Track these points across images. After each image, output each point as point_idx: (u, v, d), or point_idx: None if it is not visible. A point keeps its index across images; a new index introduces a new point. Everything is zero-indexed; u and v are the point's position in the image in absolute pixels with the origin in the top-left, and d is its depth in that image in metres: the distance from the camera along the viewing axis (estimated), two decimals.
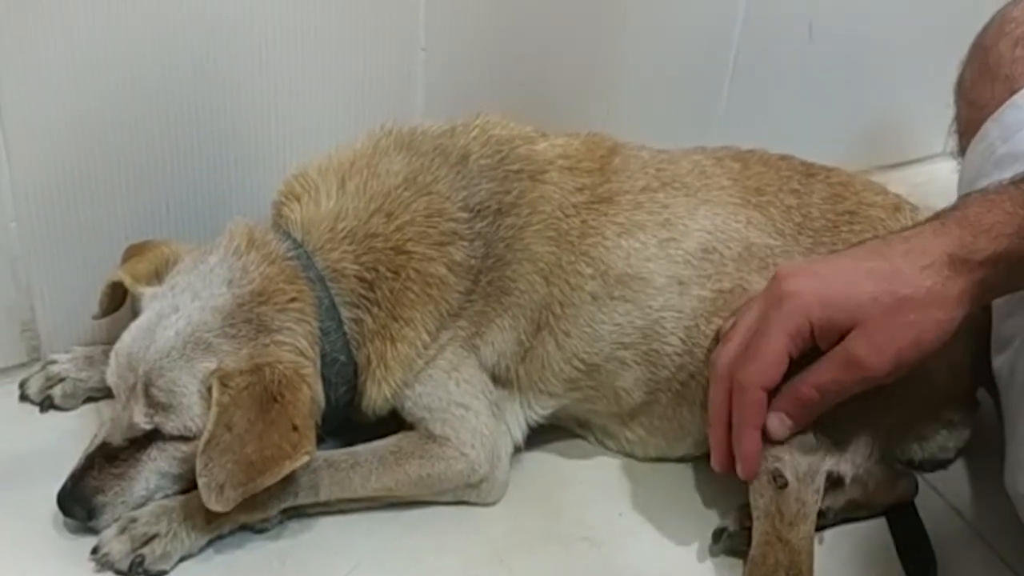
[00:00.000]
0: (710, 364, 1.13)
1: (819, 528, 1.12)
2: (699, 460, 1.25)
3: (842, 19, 1.62)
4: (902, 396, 1.16)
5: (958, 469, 1.27)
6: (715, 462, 1.12)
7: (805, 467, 1.10)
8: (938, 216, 1.05)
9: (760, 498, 1.10)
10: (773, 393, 1.07)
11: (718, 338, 1.15)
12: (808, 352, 1.06)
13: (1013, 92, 1.27)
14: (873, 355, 1.02)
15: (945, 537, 1.18)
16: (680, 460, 1.26)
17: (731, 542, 1.15)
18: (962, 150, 1.36)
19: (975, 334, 1.20)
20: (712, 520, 1.18)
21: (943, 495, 1.25)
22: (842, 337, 1.03)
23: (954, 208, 1.05)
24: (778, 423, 1.08)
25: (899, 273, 1.01)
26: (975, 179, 1.27)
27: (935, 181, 1.60)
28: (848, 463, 1.14)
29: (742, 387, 1.07)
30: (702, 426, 1.21)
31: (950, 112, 1.39)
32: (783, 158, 1.28)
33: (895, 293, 1.01)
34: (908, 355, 1.02)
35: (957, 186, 1.34)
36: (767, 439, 1.09)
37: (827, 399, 1.06)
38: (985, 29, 1.37)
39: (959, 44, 1.39)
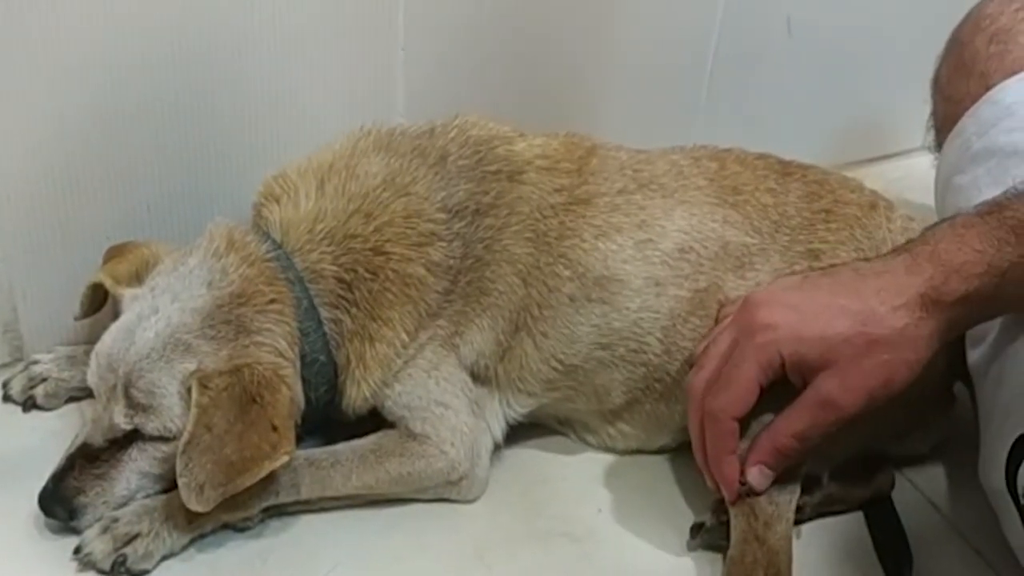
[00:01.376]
0: (686, 390, 1.13)
1: (796, 522, 1.13)
2: (677, 456, 1.27)
3: (821, 15, 1.62)
4: None
5: (934, 463, 1.28)
6: (708, 481, 1.13)
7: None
8: (909, 249, 1.05)
9: None
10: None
11: (691, 363, 1.16)
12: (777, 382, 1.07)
13: (988, 88, 1.28)
14: (846, 396, 1.03)
15: (921, 530, 1.19)
16: (659, 452, 1.27)
17: (709, 537, 1.16)
18: (939, 145, 1.37)
19: None
20: (691, 515, 1.18)
21: (920, 489, 1.26)
22: (810, 373, 1.04)
23: (924, 242, 1.05)
24: (758, 474, 1.09)
25: (872, 313, 1.02)
26: (951, 174, 1.28)
27: (912, 176, 1.60)
28: (823, 463, 1.16)
29: (715, 417, 1.08)
30: (681, 419, 1.22)
31: (927, 107, 1.40)
32: (760, 157, 1.29)
33: (868, 335, 1.01)
34: (879, 394, 1.03)
35: (934, 181, 1.35)
36: (751, 491, 1.09)
37: (805, 445, 1.07)
38: (961, 25, 1.38)
39: (936, 40, 1.40)
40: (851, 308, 1.03)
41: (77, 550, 1.08)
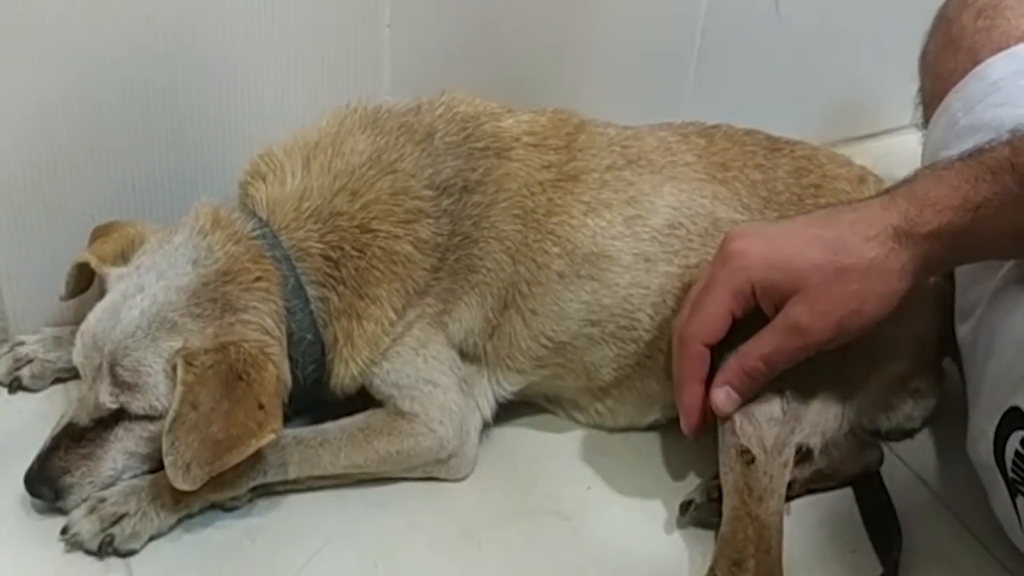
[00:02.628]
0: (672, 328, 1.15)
1: (786, 499, 1.13)
2: (666, 433, 1.27)
3: None
4: (869, 367, 1.17)
5: (923, 439, 1.29)
6: (683, 424, 1.14)
7: (772, 441, 1.11)
8: (888, 191, 1.07)
9: (729, 473, 1.10)
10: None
11: None
12: (752, 320, 1.07)
13: (976, 63, 1.28)
14: (815, 322, 1.03)
15: (910, 506, 1.19)
16: (649, 429, 1.27)
17: (699, 514, 1.16)
18: (926, 122, 1.37)
19: (940, 304, 1.21)
20: (680, 492, 1.18)
21: (908, 464, 1.26)
22: (781, 299, 1.05)
23: (904, 182, 1.06)
24: (724, 396, 1.09)
25: (843, 242, 1.03)
26: (938, 150, 1.28)
27: (900, 153, 1.59)
28: (816, 436, 1.15)
29: (684, 341, 1.09)
30: (670, 396, 1.22)
31: (915, 84, 1.40)
32: (748, 133, 1.29)
33: (838, 262, 1.02)
34: (849, 323, 1.03)
35: (921, 157, 1.35)
36: (718, 414, 1.10)
37: (772, 369, 1.07)
38: (948, 1, 1.38)
39: (924, 17, 1.39)
40: (823, 236, 1.04)
41: (64, 531, 1.08)
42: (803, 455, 1.15)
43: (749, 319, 1.08)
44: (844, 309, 1.03)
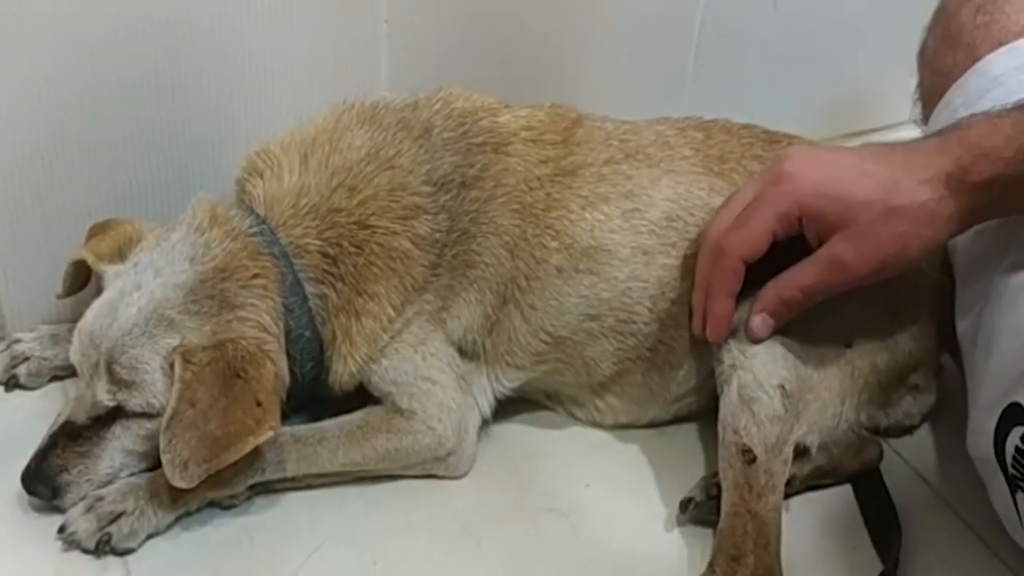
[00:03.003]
0: (704, 234, 1.15)
1: (785, 496, 1.13)
2: (665, 431, 1.27)
3: None
4: (868, 364, 1.17)
5: (923, 435, 1.28)
6: (695, 326, 1.15)
7: (774, 439, 1.10)
8: (941, 133, 1.07)
9: (729, 470, 1.10)
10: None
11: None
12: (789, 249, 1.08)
13: (975, 59, 1.28)
14: (859, 259, 1.04)
15: (910, 503, 1.19)
16: (648, 426, 1.27)
17: (698, 511, 1.15)
18: (925, 118, 1.37)
19: (939, 300, 1.21)
20: (679, 490, 1.18)
21: (908, 461, 1.26)
22: (827, 230, 1.05)
23: (957, 127, 1.06)
24: (760, 322, 1.10)
25: (896, 182, 1.03)
26: None
27: None
28: (815, 433, 1.15)
29: (723, 252, 1.10)
30: (670, 389, 1.23)
31: (914, 80, 1.39)
32: (745, 127, 1.29)
33: (889, 202, 1.03)
34: (891, 263, 1.05)
35: None
36: (750, 337, 1.11)
37: (809, 300, 1.08)
38: None
39: (923, 12, 1.38)
40: (877, 174, 1.04)
41: (61, 529, 1.07)
42: (802, 451, 1.15)
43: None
44: (889, 249, 1.04)
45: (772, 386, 1.11)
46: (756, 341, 1.11)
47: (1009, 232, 1.13)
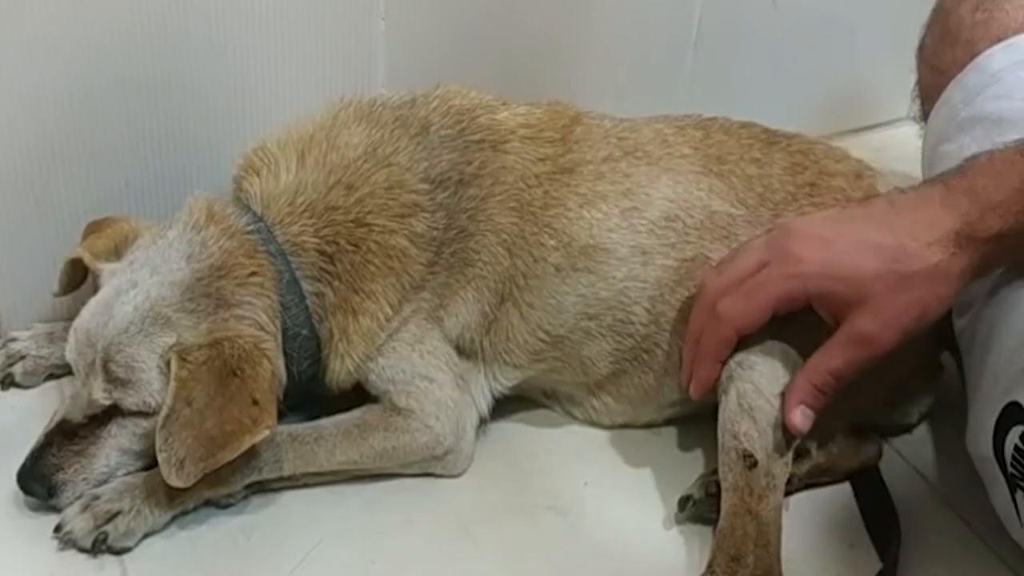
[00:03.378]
0: (699, 287, 1.15)
1: (784, 495, 1.12)
2: (664, 430, 1.26)
3: None
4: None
5: (922, 433, 1.28)
6: (682, 376, 1.16)
7: (774, 444, 1.10)
8: (945, 181, 1.06)
9: (729, 473, 1.10)
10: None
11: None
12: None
13: (974, 56, 1.27)
14: (882, 331, 1.04)
15: (909, 500, 1.19)
16: (646, 426, 1.26)
17: (697, 510, 1.15)
18: (924, 114, 1.36)
19: None
20: (678, 488, 1.17)
21: (907, 459, 1.25)
22: (842, 309, 1.05)
23: (961, 174, 1.05)
24: (801, 417, 1.09)
25: (905, 250, 1.03)
26: (938, 143, 1.27)
27: (898, 146, 1.60)
28: (815, 435, 1.14)
29: (719, 319, 1.10)
30: (667, 392, 1.22)
31: (912, 77, 1.39)
32: (744, 126, 1.28)
33: (900, 271, 1.02)
34: (914, 328, 1.04)
35: (921, 150, 1.34)
36: (794, 433, 1.10)
37: (841, 381, 1.07)
38: None
39: (921, 9, 1.38)
40: (883, 244, 1.04)
41: (58, 528, 1.07)
42: (801, 452, 1.15)
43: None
44: (909, 316, 1.03)
45: (772, 394, 1.10)
46: (799, 434, 1.10)
47: None
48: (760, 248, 1.11)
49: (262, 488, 1.14)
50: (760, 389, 1.10)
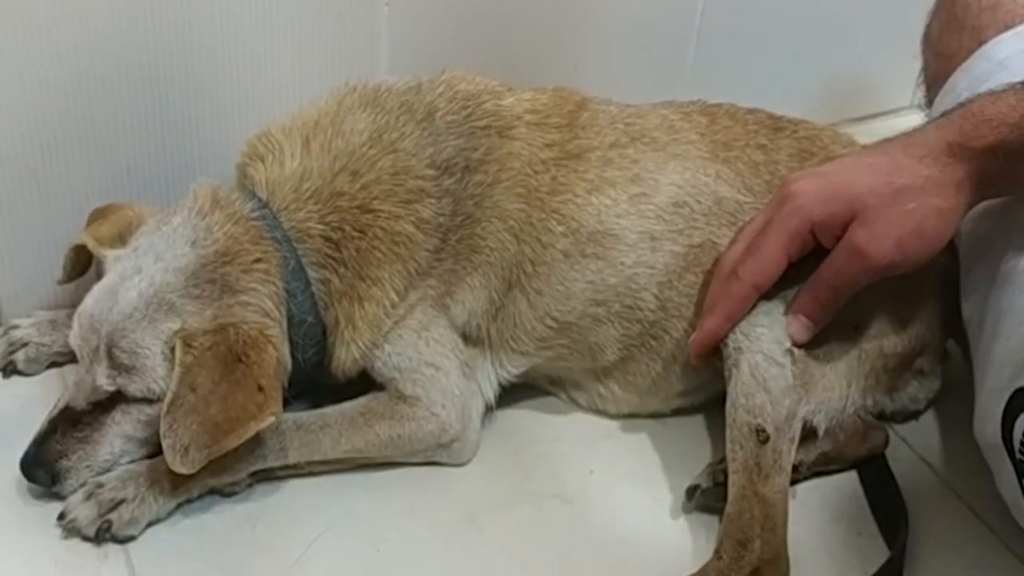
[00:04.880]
0: (717, 264, 1.15)
1: (792, 482, 1.12)
2: (670, 418, 1.26)
3: None
4: (875, 346, 1.17)
5: (928, 421, 1.28)
6: (692, 342, 1.15)
7: (784, 414, 1.10)
8: (944, 112, 1.08)
9: (739, 451, 1.10)
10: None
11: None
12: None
13: (980, 42, 1.27)
14: (873, 242, 1.05)
15: (915, 488, 1.18)
16: (652, 416, 1.26)
17: (704, 499, 1.15)
18: (929, 101, 1.36)
19: (944, 283, 1.21)
20: (684, 476, 1.17)
21: (913, 447, 1.25)
22: (841, 229, 1.06)
23: (960, 105, 1.07)
24: (798, 325, 1.11)
25: (897, 164, 1.04)
26: None
27: None
28: (822, 413, 1.15)
29: (737, 277, 1.11)
30: (674, 381, 1.22)
31: (917, 64, 1.39)
32: (750, 112, 1.28)
33: (892, 183, 1.04)
34: (910, 243, 1.05)
35: None
36: (794, 342, 1.12)
37: (840, 294, 1.09)
38: None
39: None
40: (875, 162, 1.06)
41: (61, 516, 1.06)
42: (807, 433, 1.15)
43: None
44: (903, 228, 1.04)
45: (781, 353, 1.11)
46: (799, 345, 1.12)
47: (1013, 213, 1.13)
48: (764, 210, 1.13)
49: (267, 476, 1.13)
50: (772, 357, 1.11)
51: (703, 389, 1.23)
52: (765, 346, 1.11)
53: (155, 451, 1.07)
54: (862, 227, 1.05)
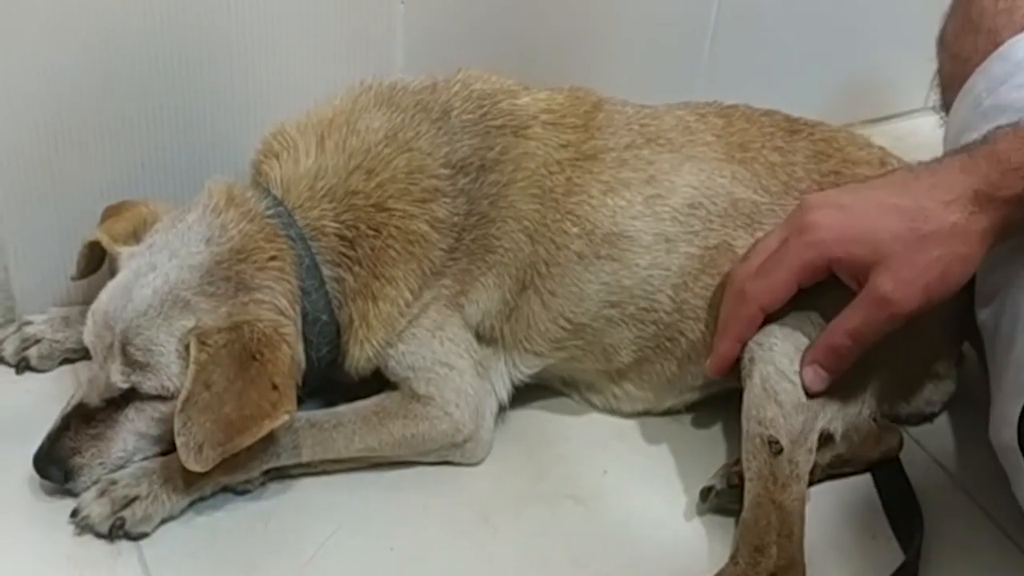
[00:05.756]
0: (729, 276, 1.15)
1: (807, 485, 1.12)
2: (685, 418, 1.26)
3: None
4: (891, 350, 1.16)
5: (942, 423, 1.27)
6: (709, 365, 1.15)
7: (799, 428, 1.10)
8: (967, 149, 1.06)
9: (753, 461, 1.09)
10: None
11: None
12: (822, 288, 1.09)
13: (997, 44, 1.27)
14: (900, 290, 1.03)
15: (930, 491, 1.18)
16: (665, 414, 1.26)
17: (719, 500, 1.14)
18: (944, 104, 1.36)
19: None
20: (699, 477, 1.17)
21: (927, 449, 1.25)
22: (862, 272, 1.05)
23: (983, 142, 1.05)
24: (812, 375, 1.10)
25: (923, 210, 1.03)
26: (961, 132, 1.26)
27: (917, 135, 1.59)
28: (839, 420, 1.15)
29: (744, 298, 1.10)
30: (689, 379, 1.22)
31: (932, 66, 1.39)
32: (766, 114, 1.27)
33: (918, 230, 1.02)
34: (936, 289, 1.04)
35: (943, 140, 1.33)
36: (808, 391, 1.10)
37: (860, 344, 1.07)
38: None
39: None
40: (901, 205, 1.04)
41: (74, 513, 1.06)
42: (824, 439, 1.14)
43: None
44: (929, 275, 1.03)
45: (795, 373, 1.10)
46: (812, 395, 1.10)
47: None
48: (781, 229, 1.11)
49: (280, 474, 1.13)
50: (783, 371, 1.10)
51: (719, 382, 1.22)
52: (777, 359, 1.11)
53: (169, 448, 1.07)
54: (887, 275, 1.03)
